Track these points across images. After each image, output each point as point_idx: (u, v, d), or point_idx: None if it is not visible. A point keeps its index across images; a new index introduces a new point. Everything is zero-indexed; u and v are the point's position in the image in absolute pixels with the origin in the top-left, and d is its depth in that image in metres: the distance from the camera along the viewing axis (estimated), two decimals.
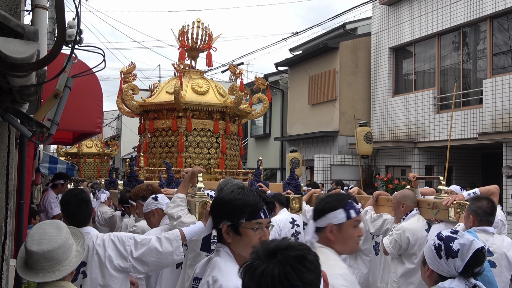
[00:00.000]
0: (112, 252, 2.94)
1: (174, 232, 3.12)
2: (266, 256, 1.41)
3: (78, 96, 4.97)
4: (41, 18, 2.86)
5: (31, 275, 2.31)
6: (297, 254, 1.40)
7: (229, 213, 2.14)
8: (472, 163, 14.41)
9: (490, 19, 12.20)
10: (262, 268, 1.37)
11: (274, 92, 20.32)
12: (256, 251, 1.45)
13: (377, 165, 15.31)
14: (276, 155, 20.28)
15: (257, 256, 1.43)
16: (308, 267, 1.39)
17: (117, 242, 2.97)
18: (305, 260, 1.39)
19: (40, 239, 2.30)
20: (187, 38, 7.58)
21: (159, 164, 7.10)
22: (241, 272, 1.44)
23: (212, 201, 2.25)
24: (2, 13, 1.70)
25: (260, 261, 1.40)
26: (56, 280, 2.32)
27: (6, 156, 2.97)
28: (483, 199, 3.72)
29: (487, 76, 12.21)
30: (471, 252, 2.37)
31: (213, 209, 2.22)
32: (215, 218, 2.20)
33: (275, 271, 1.35)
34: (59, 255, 2.30)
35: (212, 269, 2.09)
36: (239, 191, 2.17)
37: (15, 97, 2.67)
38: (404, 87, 15.05)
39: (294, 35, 16.57)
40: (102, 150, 17.82)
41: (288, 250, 1.41)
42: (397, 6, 14.86)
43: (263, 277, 1.36)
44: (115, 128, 36.43)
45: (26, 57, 1.75)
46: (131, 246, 2.96)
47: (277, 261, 1.37)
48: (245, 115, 7.81)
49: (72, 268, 2.36)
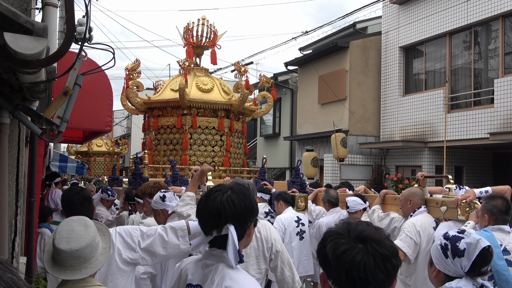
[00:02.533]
0: (120, 245, 2.94)
1: (180, 222, 3.10)
2: (355, 238, 1.43)
3: (88, 94, 4.99)
4: (51, 15, 2.87)
5: (58, 271, 2.33)
6: (384, 253, 1.40)
7: (255, 214, 2.08)
8: (483, 163, 14.28)
9: (502, 18, 12.08)
10: (347, 248, 1.40)
11: (283, 92, 20.30)
12: (347, 226, 1.48)
13: (387, 165, 15.23)
14: (286, 155, 20.25)
15: (346, 232, 1.46)
16: (387, 269, 1.39)
17: (124, 234, 2.97)
18: (388, 262, 1.40)
19: (68, 237, 2.31)
20: (192, 35, 7.58)
21: (163, 161, 7.11)
22: (325, 235, 1.49)
23: (235, 205, 1.99)
24: (12, 9, 1.70)
25: (348, 239, 1.43)
26: None
27: (17, 153, 2.99)
28: (497, 198, 3.68)
29: (498, 76, 12.10)
30: (477, 251, 2.37)
31: (243, 212, 2.01)
32: (244, 222, 2.03)
33: (358, 257, 1.37)
34: (87, 254, 2.31)
35: (222, 278, 1.95)
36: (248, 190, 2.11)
37: (25, 94, 2.68)
38: (415, 86, 14.96)
39: (304, 34, 16.53)
40: (112, 149, 17.92)
41: (380, 245, 1.41)
42: (408, 5, 14.77)
43: (344, 256, 1.38)
44: (125, 127, 36.59)
45: (35, 53, 1.75)
46: (138, 237, 2.95)
47: (364, 249, 1.39)
48: (249, 113, 7.80)
49: (99, 266, 2.37)
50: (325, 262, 1.45)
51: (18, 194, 3.08)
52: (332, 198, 6.05)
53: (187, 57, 7.57)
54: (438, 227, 4.35)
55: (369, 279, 1.35)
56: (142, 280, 3.54)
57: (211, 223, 1.99)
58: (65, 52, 1.92)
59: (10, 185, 2.78)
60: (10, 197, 2.80)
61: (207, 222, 2.01)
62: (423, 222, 4.39)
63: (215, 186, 2.12)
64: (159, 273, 3.91)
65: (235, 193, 2.02)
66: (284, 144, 20.31)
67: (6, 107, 2.37)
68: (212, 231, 1.99)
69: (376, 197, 5.33)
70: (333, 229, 1.50)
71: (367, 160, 15.43)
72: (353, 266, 1.36)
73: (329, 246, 1.44)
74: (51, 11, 2.82)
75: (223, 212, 1.97)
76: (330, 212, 6.13)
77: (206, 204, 2.01)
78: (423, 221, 4.39)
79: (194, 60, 7.80)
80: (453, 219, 4.28)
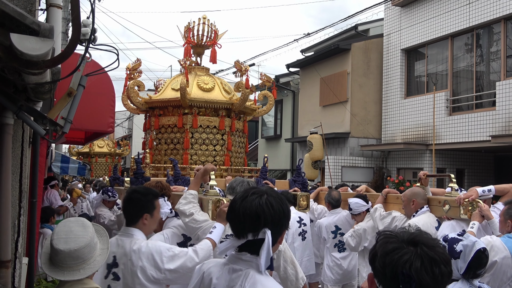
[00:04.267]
0: (147, 262, 2.82)
1: (205, 242, 3.00)
2: (408, 241, 1.44)
3: (90, 95, 4.98)
4: (55, 17, 2.87)
5: (56, 272, 2.32)
6: (434, 257, 1.41)
7: (289, 219, 2.04)
8: (485, 166, 14.27)
9: (504, 21, 12.08)
10: (396, 246, 1.42)
11: (285, 93, 20.30)
12: (401, 231, 1.51)
13: (389, 167, 15.22)
14: (287, 156, 20.25)
15: (400, 235, 1.48)
16: (434, 273, 1.39)
17: (154, 251, 2.85)
18: (437, 267, 1.40)
19: (67, 237, 2.31)
20: (192, 34, 7.58)
21: (164, 161, 7.11)
22: (379, 233, 1.52)
23: (274, 209, 1.93)
24: (18, 10, 1.71)
25: (399, 241, 1.44)
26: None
27: (20, 154, 2.99)
28: None
29: (500, 78, 12.09)
30: (472, 253, 2.39)
31: (281, 217, 1.96)
32: (280, 227, 1.97)
33: (405, 256, 1.38)
34: (85, 254, 2.31)
35: (254, 285, 1.87)
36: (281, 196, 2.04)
37: (29, 95, 2.68)
38: (416, 89, 14.96)
39: (306, 36, 16.56)
40: (114, 150, 17.94)
41: (431, 249, 1.42)
42: (410, 8, 14.77)
43: (392, 254, 1.40)
44: (126, 128, 36.62)
45: (41, 54, 1.75)
46: (168, 258, 2.85)
47: (414, 251, 1.40)
48: (250, 112, 7.80)
49: (97, 267, 2.37)
50: (374, 259, 1.48)
51: (21, 195, 3.09)
52: (333, 200, 6.05)
53: (184, 55, 7.57)
54: (441, 227, 4.35)
55: (412, 275, 1.36)
56: None
57: (248, 226, 1.90)
58: (71, 53, 1.93)
59: (13, 185, 2.78)
60: (13, 197, 2.80)
61: (244, 224, 1.91)
62: (425, 222, 4.39)
63: (250, 188, 2.03)
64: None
65: (273, 196, 1.95)
66: (286, 146, 20.30)
67: (11, 108, 2.37)
68: (248, 234, 1.90)
69: (379, 196, 5.34)
70: (387, 232, 1.53)
71: (369, 162, 15.42)
72: (399, 263, 1.38)
73: (379, 244, 1.47)
74: (55, 12, 2.82)
75: (262, 215, 1.89)
76: (330, 213, 6.14)
77: (243, 206, 1.92)
78: (425, 221, 4.39)
79: (195, 60, 7.80)
80: (455, 218, 4.28)
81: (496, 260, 3.28)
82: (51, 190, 8.43)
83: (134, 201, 3.03)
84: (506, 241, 3.39)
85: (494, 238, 3.47)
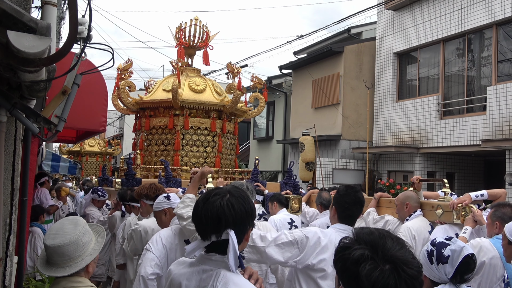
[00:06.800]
0: None
1: None
2: (382, 258, 1.43)
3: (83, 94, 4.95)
4: (50, 14, 2.86)
5: (45, 268, 2.34)
6: (413, 274, 1.42)
7: (254, 218, 2.02)
8: (475, 170, 14.38)
9: (496, 26, 12.18)
10: (372, 266, 1.40)
11: (277, 95, 20.32)
12: (372, 237, 1.49)
13: (379, 170, 15.29)
14: (278, 158, 20.27)
15: (372, 245, 1.46)
16: (415, 287, 1.41)
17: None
18: (416, 280, 1.42)
19: (56, 233, 2.32)
20: (184, 36, 7.57)
21: (154, 162, 7.08)
22: (345, 240, 1.51)
23: (235, 210, 1.92)
24: (16, 8, 1.70)
25: (375, 260, 1.42)
26: (72, 275, 2.32)
27: (13, 152, 2.97)
28: (506, 206, 3.71)
29: (491, 83, 12.19)
30: (460, 258, 2.40)
31: (243, 217, 1.95)
32: (244, 226, 1.96)
33: (391, 281, 1.38)
34: (70, 252, 2.29)
35: (226, 284, 1.87)
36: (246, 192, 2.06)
37: (23, 93, 2.67)
38: (408, 92, 15.04)
39: (299, 38, 16.59)
40: (105, 149, 17.84)
41: (408, 265, 1.43)
42: (403, 12, 14.85)
43: (377, 281, 1.38)
44: (117, 127, 36.46)
45: (38, 52, 1.74)
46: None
47: (390, 268, 1.40)
48: (242, 114, 7.81)
49: (83, 265, 2.34)
50: (349, 277, 1.46)
51: (13, 193, 3.06)
52: (324, 201, 6.06)
53: (178, 57, 7.55)
54: (434, 231, 4.37)
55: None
56: (150, 281, 3.51)
57: (210, 228, 1.91)
58: (68, 52, 1.92)
59: (5, 183, 2.76)
60: (5, 195, 2.79)
61: (206, 226, 1.92)
62: (418, 226, 4.41)
63: (213, 189, 2.03)
64: (164, 274, 3.90)
65: (235, 197, 1.95)
66: (277, 148, 20.32)
67: (4, 105, 2.35)
68: (211, 236, 1.91)
69: (371, 200, 5.35)
70: (359, 237, 1.50)
71: (360, 165, 15.47)
72: (377, 281, 1.37)
73: (361, 269, 1.42)
74: (50, 10, 2.81)
75: (223, 217, 1.89)
76: (322, 214, 6.14)
77: (205, 208, 1.93)
78: (418, 225, 4.42)
79: (186, 61, 7.79)
80: (448, 223, 4.30)
81: (484, 261, 3.32)
82: (41, 189, 8.35)
83: None
84: (494, 242, 3.42)
85: (483, 239, 3.51)
